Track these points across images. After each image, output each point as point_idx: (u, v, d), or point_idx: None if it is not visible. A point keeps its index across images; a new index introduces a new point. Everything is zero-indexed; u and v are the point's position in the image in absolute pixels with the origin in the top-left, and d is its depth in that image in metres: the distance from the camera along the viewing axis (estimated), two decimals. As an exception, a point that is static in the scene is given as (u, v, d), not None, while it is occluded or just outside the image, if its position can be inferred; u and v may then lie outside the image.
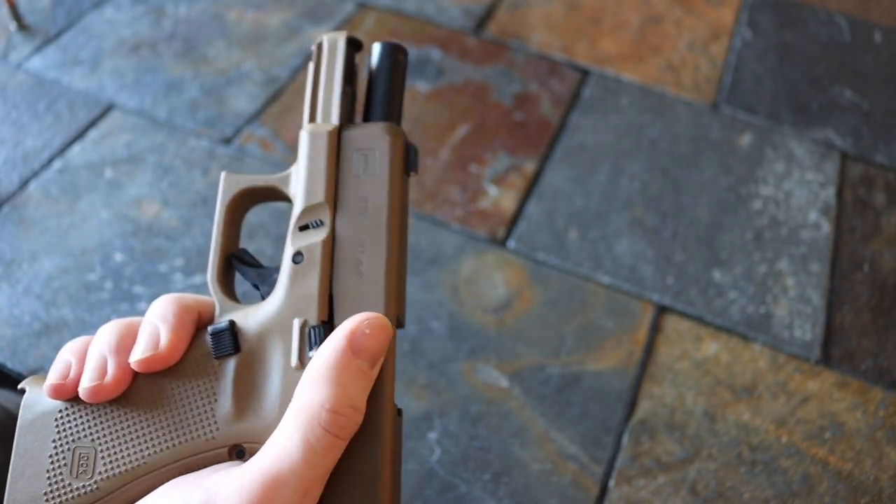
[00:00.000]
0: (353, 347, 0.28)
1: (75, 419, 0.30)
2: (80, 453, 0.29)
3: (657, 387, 0.73)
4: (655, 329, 0.77)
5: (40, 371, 0.70)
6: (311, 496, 0.26)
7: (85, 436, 0.30)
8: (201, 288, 0.77)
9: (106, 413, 0.30)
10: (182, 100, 0.95)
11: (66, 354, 0.31)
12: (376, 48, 0.37)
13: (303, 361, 0.30)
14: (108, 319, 0.74)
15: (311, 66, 0.36)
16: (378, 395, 0.29)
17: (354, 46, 0.37)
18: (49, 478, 0.29)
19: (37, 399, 0.31)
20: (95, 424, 0.30)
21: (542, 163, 0.92)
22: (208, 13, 1.07)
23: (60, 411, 0.30)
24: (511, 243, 0.83)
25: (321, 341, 0.29)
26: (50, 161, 0.87)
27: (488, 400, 0.71)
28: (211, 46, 1.02)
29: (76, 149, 0.89)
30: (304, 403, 0.27)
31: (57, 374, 0.30)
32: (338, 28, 1.06)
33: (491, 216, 0.86)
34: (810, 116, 1.01)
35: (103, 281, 0.77)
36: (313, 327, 0.30)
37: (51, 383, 0.30)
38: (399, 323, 0.32)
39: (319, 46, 0.36)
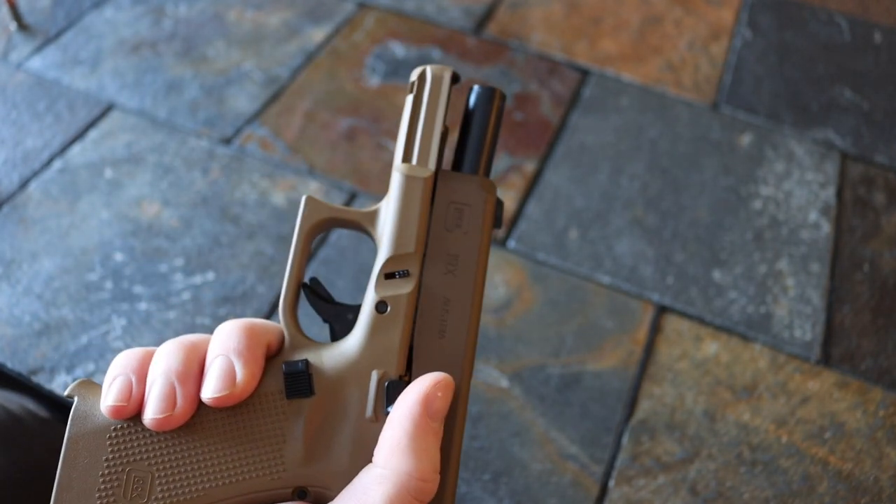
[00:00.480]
0: (429, 412, 0.28)
1: (131, 440, 0.29)
2: (135, 476, 0.29)
3: (657, 387, 0.73)
4: (655, 329, 0.77)
5: (39, 371, 0.70)
6: None
7: (141, 458, 0.29)
8: (201, 287, 0.77)
9: (165, 438, 0.29)
10: (182, 100, 0.95)
11: (125, 371, 0.29)
12: (476, 91, 0.35)
13: (377, 414, 0.30)
14: (108, 319, 0.74)
15: (410, 98, 0.34)
16: (443, 455, 0.29)
17: (454, 82, 0.35)
18: (100, 497, 0.28)
19: (89, 411, 0.29)
20: (153, 448, 0.29)
21: (542, 163, 0.92)
22: (208, 13, 1.07)
23: (115, 429, 0.29)
24: (511, 243, 0.83)
25: (398, 396, 0.29)
26: (50, 161, 0.87)
27: (488, 400, 0.71)
28: (211, 46, 1.02)
29: (76, 149, 0.89)
30: (392, 473, 0.27)
31: (117, 394, 0.29)
32: (338, 28, 1.06)
33: (491, 216, 0.86)
34: (810, 116, 1.01)
35: (103, 281, 0.77)
36: (391, 381, 0.30)
37: (111, 404, 0.29)
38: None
39: (422, 78, 0.34)
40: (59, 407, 0.63)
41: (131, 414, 0.29)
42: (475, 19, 1.10)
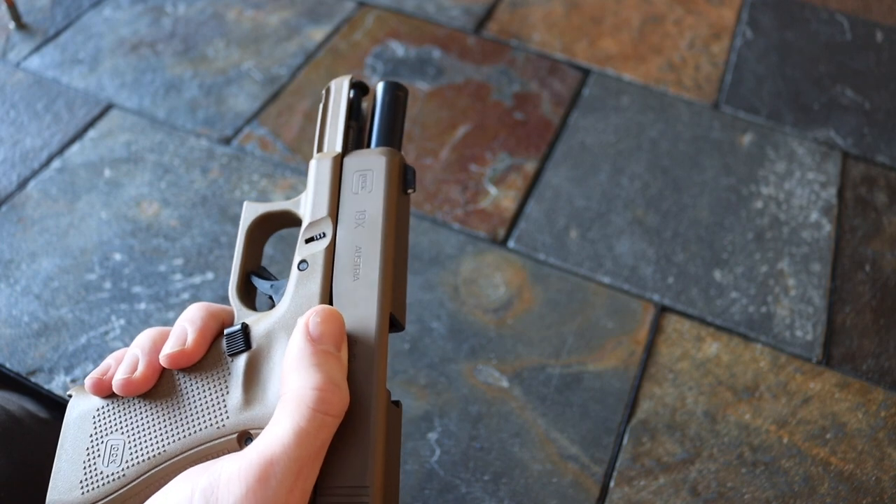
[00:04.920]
0: (313, 336, 0.31)
1: (110, 415, 0.33)
2: (112, 444, 0.33)
3: (658, 387, 0.73)
4: (656, 329, 0.77)
5: (38, 372, 0.70)
6: (304, 475, 0.28)
7: (117, 429, 0.33)
8: (200, 287, 0.76)
9: (134, 408, 0.33)
10: (181, 99, 0.95)
11: (109, 359, 0.35)
12: (379, 86, 0.41)
13: None
14: (107, 320, 0.74)
15: (321, 106, 0.40)
16: (365, 378, 0.32)
17: (362, 90, 0.41)
18: (85, 467, 0.33)
19: (79, 402, 0.35)
20: (126, 419, 0.33)
21: (543, 163, 0.92)
22: (207, 12, 1.07)
23: (98, 409, 0.34)
24: (511, 243, 0.83)
25: None
26: (49, 160, 0.87)
27: (488, 400, 0.71)
28: (210, 46, 1.02)
29: (75, 148, 0.88)
30: (289, 390, 0.29)
31: (95, 371, 0.34)
32: (337, 27, 1.06)
33: (491, 216, 0.86)
34: (811, 116, 1.01)
35: (102, 281, 0.77)
36: None
37: (91, 377, 0.34)
38: (396, 322, 0.35)
39: (328, 90, 0.41)
40: (59, 407, 0.63)
41: (108, 387, 0.34)
42: (475, 19, 1.09)
